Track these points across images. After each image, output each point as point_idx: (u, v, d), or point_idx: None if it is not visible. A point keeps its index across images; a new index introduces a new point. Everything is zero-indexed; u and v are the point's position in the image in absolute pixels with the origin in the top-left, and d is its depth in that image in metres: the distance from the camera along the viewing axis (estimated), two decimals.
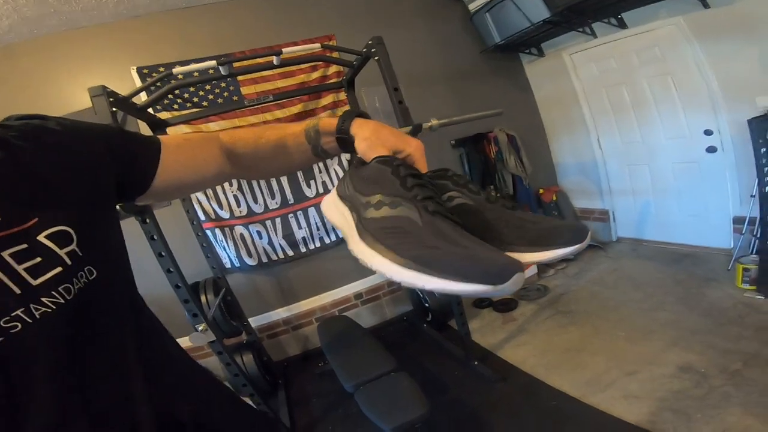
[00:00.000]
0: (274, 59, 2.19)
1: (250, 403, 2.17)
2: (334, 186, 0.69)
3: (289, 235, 3.25)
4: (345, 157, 3.29)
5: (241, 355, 2.67)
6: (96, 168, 0.53)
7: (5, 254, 0.39)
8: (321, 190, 3.28)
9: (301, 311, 3.35)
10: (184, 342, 2.19)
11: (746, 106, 2.65)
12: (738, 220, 2.94)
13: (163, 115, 2.72)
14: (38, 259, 0.41)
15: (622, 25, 3.12)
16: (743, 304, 2.44)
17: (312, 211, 3.29)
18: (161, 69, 2.77)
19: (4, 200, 0.41)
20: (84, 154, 0.52)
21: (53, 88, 2.72)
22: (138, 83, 2.80)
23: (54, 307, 0.41)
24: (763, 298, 2.43)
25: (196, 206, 2.97)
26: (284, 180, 3.20)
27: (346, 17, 3.37)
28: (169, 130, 2.60)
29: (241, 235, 3.16)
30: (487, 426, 2.06)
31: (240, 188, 3.10)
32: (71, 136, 0.53)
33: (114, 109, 1.77)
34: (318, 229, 3.31)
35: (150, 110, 2.43)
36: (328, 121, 0.66)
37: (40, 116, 0.52)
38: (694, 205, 3.29)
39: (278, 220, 3.22)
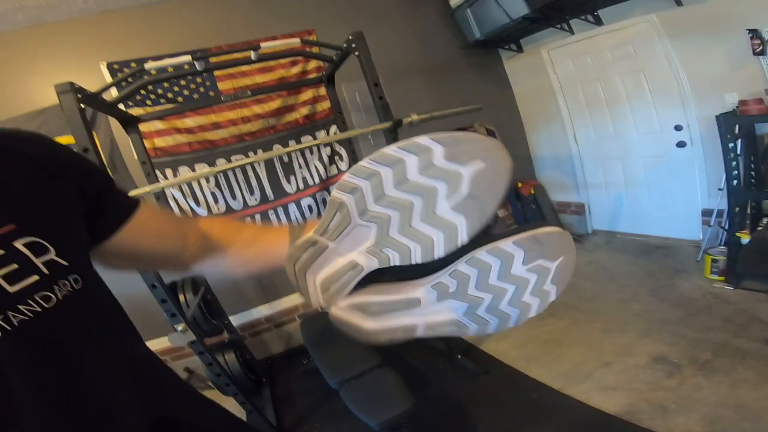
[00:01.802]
0: (252, 54, 2.14)
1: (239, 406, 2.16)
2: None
3: None
4: (326, 152, 3.27)
5: (223, 354, 2.63)
6: (70, 193, 0.52)
7: None
8: (301, 186, 3.25)
9: (283, 308, 3.32)
10: (163, 342, 2.15)
11: (715, 102, 2.75)
12: (706, 213, 3.06)
13: (136, 111, 2.62)
14: (14, 266, 0.40)
15: (598, 21, 3.17)
16: (712, 295, 2.55)
17: (292, 207, 3.25)
18: (133, 65, 2.67)
19: None
20: (62, 176, 0.51)
21: (19, 86, 2.60)
22: (109, 79, 2.70)
23: (31, 315, 0.40)
24: (731, 288, 2.54)
25: (172, 203, 2.90)
26: (263, 176, 3.14)
27: (326, 12, 3.31)
28: (142, 126, 2.52)
29: None
30: (472, 419, 2.10)
31: (217, 185, 3.04)
32: (55, 156, 0.52)
33: (82, 105, 1.70)
34: (320, 220, 3.27)
35: (121, 106, 2.35)
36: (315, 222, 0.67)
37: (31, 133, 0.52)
38: (665, 198, 3.41)
39: (258, 217, 3.17)
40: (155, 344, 2.56)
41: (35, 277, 0.41)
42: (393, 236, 0.47)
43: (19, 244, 0.41)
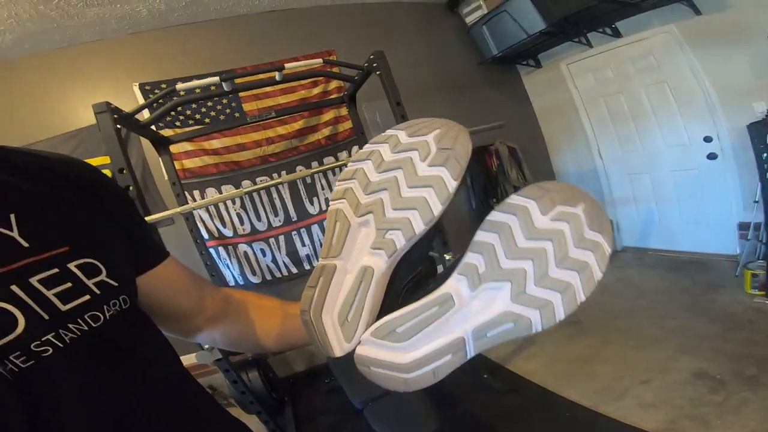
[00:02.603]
0: (277, 75, 2.20)
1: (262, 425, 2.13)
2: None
3: (293, 253, 3.23)
4: None
5: (246, 372, 2.62)
6: (117, 218, 0.54)
7: (33, 280, 0.39)
8: (324, 207, 3.27)
9: None
10: (190, 359, 2.16)
11: (744, 111, 2.68)
12: (743, 226, 2.93)
13: (166, 133, 2.72)
14: (69, 284, 0.42)
15: (616, 34, 3.17)
16: (753, 310, 2.42)
17: (315, 228, 3.27)
18: (163, 85, 2.80)
19: (36, 227, 0.42)
20: (111, 202, 0.54)
21: (54, 104, 2.73)
22: (140, 100, 2.82)
23: (79, 333, 0.41)
24: None
25: (200, 224, 2.96)
26: (287, 197, 3.19)
27: (345, 32, 3.42)
28: (171, 147, 2.60)
29: (245, 253, 3.14)
30: None
31: (243, 206, 3.09)
32: (104, 184, 0.55)
33: (118, 126, 1.78)
34: (322, 246, 3.28)
35: (153, 127, 2.44)
36: None
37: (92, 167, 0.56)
38: (697, 212, 3.29)
39: (282, 238, 3.20)
40: None
41: (87, 297, 0.43)
42: (390, 216, 0.47)
43: (72, 266, 0.43)
